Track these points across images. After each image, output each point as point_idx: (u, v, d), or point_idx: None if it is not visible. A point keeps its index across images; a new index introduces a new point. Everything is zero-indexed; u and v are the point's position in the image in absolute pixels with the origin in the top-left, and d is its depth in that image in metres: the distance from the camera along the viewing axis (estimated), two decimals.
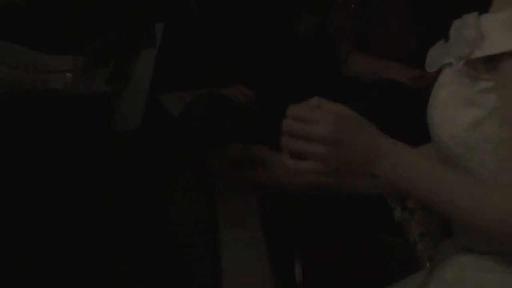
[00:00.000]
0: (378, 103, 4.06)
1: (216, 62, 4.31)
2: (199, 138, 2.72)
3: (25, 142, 1.69)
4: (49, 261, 1.72)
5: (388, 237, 3.44)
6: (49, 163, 1.68)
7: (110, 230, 1.74)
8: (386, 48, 4.44)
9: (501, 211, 1.90)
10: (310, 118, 1.93)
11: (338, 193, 2.24)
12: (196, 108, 4.09)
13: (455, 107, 2.00)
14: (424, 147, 2.31)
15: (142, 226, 2.02)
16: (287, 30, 4.65)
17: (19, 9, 2.80)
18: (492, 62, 1.90)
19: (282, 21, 4.63)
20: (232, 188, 2.41)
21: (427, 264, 2.35)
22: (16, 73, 2.06)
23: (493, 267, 1.99)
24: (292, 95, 4.05)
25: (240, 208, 2.30)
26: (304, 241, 2.69)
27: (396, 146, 1.96)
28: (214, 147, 2.42)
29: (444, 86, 2.05)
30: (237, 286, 1.92)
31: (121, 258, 1.75)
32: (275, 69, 4.36)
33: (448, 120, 2.01)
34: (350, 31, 4.50)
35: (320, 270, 2.75)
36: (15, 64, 2.09)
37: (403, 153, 1.96)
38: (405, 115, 3.22)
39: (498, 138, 1.90)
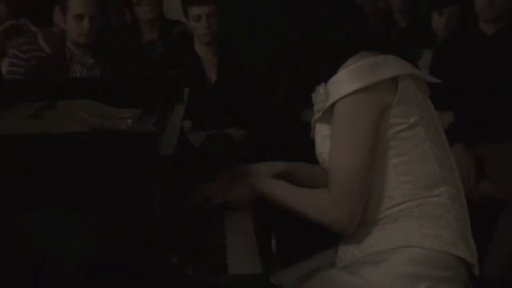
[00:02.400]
0: None
1: (223, 113, 4.63)
2: (211, 161, 2.92)
3: (102, 163, 1.80)
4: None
5: None
6: (119, 179, 1.80)
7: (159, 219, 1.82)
8: None
9: (312, 214, 2.18)
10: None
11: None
12: (210, 142, 4.38)
13: (322, 142, 2.25)
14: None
15: (176, 216, 2.15)
16: (269, 93, 4.95)
17: (99, 81, 3.34)
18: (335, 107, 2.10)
19: (263, 88, 4.94)
20: None
21: None
22: (98, 120, 2.28)
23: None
24: (271, 135, 4.74)
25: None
26: (278, 223, 3.00)
27: (268, 180, 2.32)
28: (219, 167, 2.60)
29: (316, 133, 2.30)
30: (235, 253, 2.02)
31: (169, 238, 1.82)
32: (260, 119, 4.70)
33: (321, 150, 2.28)
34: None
35: (289, 244, 3.00)
36: (98, 115, 2.36)
37: (272, 182, 2.31)
38: None
39: None
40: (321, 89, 2.15)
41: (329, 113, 2.15)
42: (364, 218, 2.17)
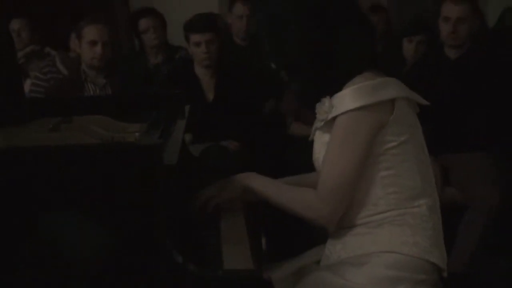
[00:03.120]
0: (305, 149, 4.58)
1: (219, 127, 4.61)
2: (209, 169, 2.87)
3: (112, 172, 1.81)
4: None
5: None
6: (128, 186, 1.80)
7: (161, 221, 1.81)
8: (313, 120, 4.91)
9: (299, 210, 2.17)
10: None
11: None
12: (208, 153, 4.34)
13: (321, 148, 2.20)
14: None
15: (179, 216, 2.14)
16: (259, 110, 4.99)
17: (110, 99, 3.38)
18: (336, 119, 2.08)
19: (256, 103, 4.95)
20: None
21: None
22: (109, 134, 2.27)
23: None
24: (261, 146, 4.75)
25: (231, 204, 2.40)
26: (268, 224, 2.98)
27: (253, 174, 2.30)
28: (215, 176, 2.55)
29: (316, 140, 2.26)
30: (230, 251, 2.04)
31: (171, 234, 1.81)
32: (251, 132, 4.68)
33: (318, 156, 2.23)
34: (293, 110, 4.78)
35: (277, 243, 3.01)
36: (109, 129, 2.34)
37: (257, 176, 2.28)
38: None
39: None
40: (326, 101, 2.14)
41: (330, 124, 2.14)
42: (351, 221, 2.17)
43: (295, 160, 4.35)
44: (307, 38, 2.12)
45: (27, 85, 4.95)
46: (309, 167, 2.50)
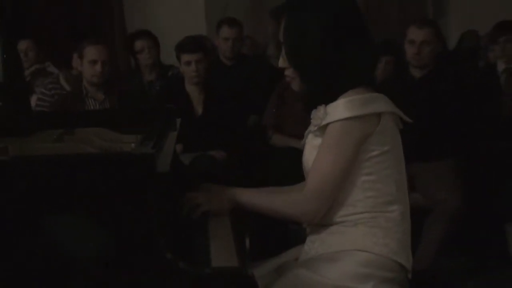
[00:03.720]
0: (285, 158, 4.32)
1: (207, 138, 4.60)
2: (197, 176, 2.77)
3: (110, 178, 1.79)
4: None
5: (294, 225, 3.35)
6: (125, 191, 1.79)
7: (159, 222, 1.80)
8: (291, 131, 4.61)
9: (285, 208, 2.18)
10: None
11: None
12: (197, 161, 4.36)
13: (311, 151, 2.18)
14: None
15: (172, 219, 2.12)
16: (243, 123, 5.00)
17: (109, 113, 3.31)
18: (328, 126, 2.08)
19: (240, 117, 4.95)
20: None
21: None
22: (107, 144, 2.28)
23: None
24: (245, 155, 4.76)
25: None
26: (251, 226, 2.68)
27: (239, 189, 2.27)
28: (202, 181, 2.53)
29: (308, 143, 2.23)
30: (217, 250, 2.02)
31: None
32: (236, 143, 4.68)
33: (308, 157, 2.20)
34: (273, 123, 4.80)
35: (259, 243, 2.75)
36: (107, 139, 2.35)
37: (243, 190, 2.25)
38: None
39: None
40: (321, 109, 2.14)
41: (322, 129, 2.14)
42: (330, 220, 2.17)
43: (275, 167, 4.41)
44: (321, 48, 2.11)
45: (34, 100, 4.94)
46: (288, 173, 2.55)
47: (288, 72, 2.23)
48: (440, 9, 10.03)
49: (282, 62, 2.24)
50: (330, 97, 2.14)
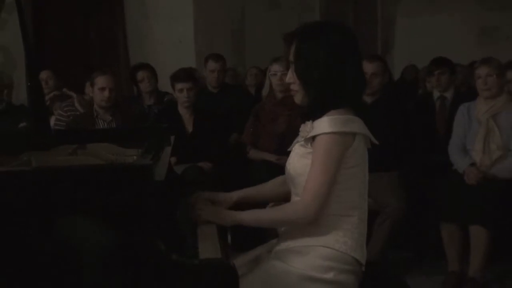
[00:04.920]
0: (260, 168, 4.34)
1: (196, 152, 4.59)
2: (188, 184, 2.78)
3: (115, 185, 1.78)
4: None
5: None
6: (127, 196, 1.78)
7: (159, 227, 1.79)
8: (264, 147, 4.62)
9: (288, 215, 2.13)
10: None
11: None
12: (188, 171, 4.34)
13: (297, 159, 2.15)
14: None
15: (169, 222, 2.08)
16: (226, 139, 4.99)
17: (115, 131, 3.33)
18: (315, 139, 2.07)
19: (223, 135, 4.94)
20: None
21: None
22: (113, 157, 2.25)
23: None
24: (228, 166, 4.76)
25: None
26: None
27: (237, 212, 2.22)
28: (192, 190, 2.49)
29: (294, 151, 2.19)
30: (204, 244, 2.01)
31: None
32: (220, 156, 4.69)
33: (293, 164, 2.17)
34: (250, 140, 4.71)
35: (239, 237, 2.69)
36: (113, 153, 2.31)
37: (241, 212, 2.20)
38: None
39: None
40: (309, 124, 2.13)
41: (308, 141, 2.13)
42: None
43: (252, 175, 4.40)
44: (324, 69, 2.11)
45: (52, 120, 4.92)
46: (262, 180, 2.52)
47: (293, 87, 2.21)
48: (387, 46, 10.13)
49: (289, 78, 2.22)
50: (322, 111, 2.13)
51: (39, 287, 1.76)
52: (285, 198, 2.41)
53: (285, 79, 4.55)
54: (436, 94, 5.27)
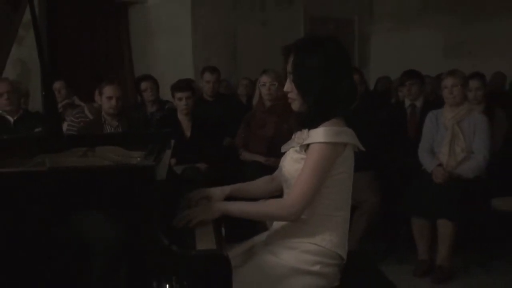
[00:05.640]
0: (250, 168, 4.29)
1: (193, 154, 4.56)
2: (186, 183, 2.73)
3: (121, 184, 1.77)
4: None
5: None
6: (132, 193, 1.76)
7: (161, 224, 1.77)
8: (254, 149, 4.61)
9: (273, 210, 2.09)
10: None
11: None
12: (186, 171, 4.32)
13: (292, 163, 2.13)
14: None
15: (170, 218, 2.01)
16: (220, 143, 4.95)
17: (121, 135, 3.30)
18: (309, 146, 2.05)
19: (218, 139, 4.91)
20: None
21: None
22: (119, 158, 2.25)
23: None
24: (222, 167, 4.74)
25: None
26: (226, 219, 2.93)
27: (226, 202, 2.18)
28: (190, 188, 2.46)
29: (289, 155, 2.17)
30: (200, 237, 2.00)
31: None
32: (215, 158, 4.65)
33: (288, 168, 2.15)
34: (242, 143, 4.72)
35: (233, 231, 2.68)
36: (119, 155, 2.31)
37: (230, 202, 2.17)
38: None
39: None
40: (305, 132, 2.11)
41: (303, 147, 2.11)
42: None
43: (244, 175, 4.37)
44: (320, 80, 2.08)
45: (65, 126, 4.90)
46: (252, 178, 2.50)
47: (291, 95, 2.17)
48: (364, 60, 10.20)
49: (287, 87, 2.17)
50: (318, 120, 2.10)
51: (55, 274, 1.75)
52: (272, 195, 2.39)
53: (273, 89, 4.68)
54: (407, 102, 5.29)
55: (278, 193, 2.38)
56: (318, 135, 2.05)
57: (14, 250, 1.73)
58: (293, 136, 2.25)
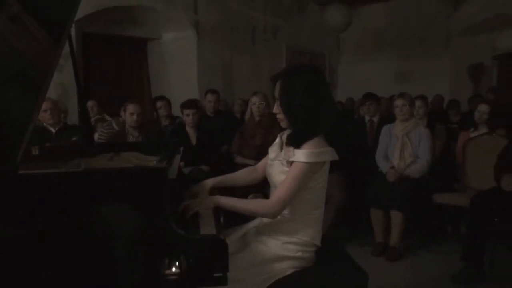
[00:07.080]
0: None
1: (198, 158, 4.49)
2: (192, 181, 2.53)
3: (141, 182, 1.71)
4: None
5: None
6: (149, 190, 1.70)
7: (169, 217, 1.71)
8: (247, 155, 4.53)
9: (257, 208, 2.02)
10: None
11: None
12: (192, 172, 4.29)
13: (278, 174, 2.08)
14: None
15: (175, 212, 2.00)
16: (219, 149, 4.91)
17: (141, 144, 3.24)
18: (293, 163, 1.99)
19: (217, 146, 4.88)
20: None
21: None
22: (140, 162, 2.23)
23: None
24: (220, 169, 4.67)
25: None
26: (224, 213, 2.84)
27: (218, 196, 2.08)
28: (195, 183, 2.37)
29: (274, 166, 2.12)
30: (203, 224, 1.98)
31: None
32: (215, 161, 4.58)
33: (275, 177, 2.09)
34: (237, 150, 4.67)
35: (229, 219, 2.99)
36: (139, 159, 2.28)
37: (221, 196, 2.08)
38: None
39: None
40: (291, 149, 2.03)
41: (288, 163, 2.05)
42: (281, 215, 2.10)
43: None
44: (303, 103, 2.00)
45: (96, 136, 4.87)
46: None
47: (279, 116, 2.09)
48: (332, 85, 10.27)
49: (275, 109, 2.10)
50: (302, 139, 2.01)
51: (84, 261, 1.70)
52: (251, 183, 2.35)
53: (261, 107, 4.67)
54: (367, 118, 5.32)
55: (256, 182, 2.34)
56: (301, 155, 1.99)
57: (55, 235, 1.69)
58: (277, 139, 2.20)
